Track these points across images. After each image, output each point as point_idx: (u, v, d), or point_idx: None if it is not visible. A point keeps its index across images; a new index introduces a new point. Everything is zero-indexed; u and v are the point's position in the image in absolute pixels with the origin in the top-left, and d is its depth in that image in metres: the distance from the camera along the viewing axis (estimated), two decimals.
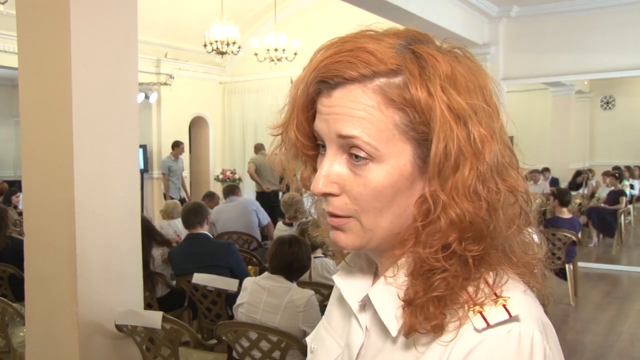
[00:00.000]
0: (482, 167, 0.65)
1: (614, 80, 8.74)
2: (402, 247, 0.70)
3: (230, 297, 3.34)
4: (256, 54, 8.39)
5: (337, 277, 0.82)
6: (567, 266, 5.47)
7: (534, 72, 7.08)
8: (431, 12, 5.75)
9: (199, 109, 10.88)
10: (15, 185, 8.87)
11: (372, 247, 0.72)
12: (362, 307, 0.75)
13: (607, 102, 10.62)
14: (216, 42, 7.85)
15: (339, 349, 0.79)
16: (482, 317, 0.64)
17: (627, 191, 8.90)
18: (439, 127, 0.64)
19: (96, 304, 2.57)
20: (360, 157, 0.67)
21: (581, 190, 9.27)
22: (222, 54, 7.97)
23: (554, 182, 9.15)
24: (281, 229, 5.05)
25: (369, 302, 0.73)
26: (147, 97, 9.64)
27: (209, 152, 11.05)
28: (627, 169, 9.66)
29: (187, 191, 9.25)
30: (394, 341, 0.69)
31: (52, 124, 2.52)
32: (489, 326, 0.63)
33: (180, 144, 9.15)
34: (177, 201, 6.32)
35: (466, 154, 0.65)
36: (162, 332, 2.56)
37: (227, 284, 3.32)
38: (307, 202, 0.84)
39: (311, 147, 0.75)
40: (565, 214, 5.71)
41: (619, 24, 6.52)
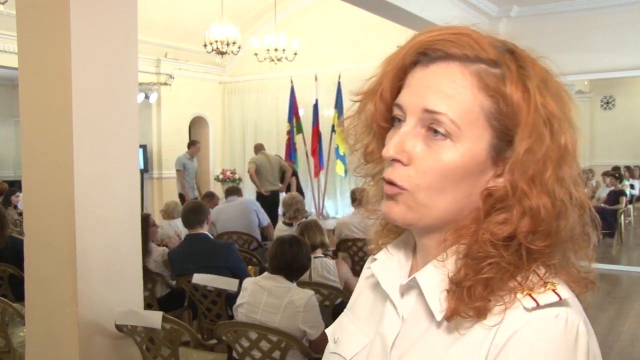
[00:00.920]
0: (563, 171, 0.67)
1: (614, 80, 8.75)
2: (458, 234, 0.71)
3: (230, 297, 3.34)
4: (256, 54, 8.40)
5: (374, 266, 0.82)
6: None
7: None
8: (431, 12, 5.75)
9: (199, 109, 10.89)
10: (15, 185, 8.87)
11: (422, 225, 0.72)
12: (401, 294, 0.76)
13: (607, 102, 10.63)
14: (216, 42, 7.85)
15: (366, 338, 0.79)
16: (532, 297, 0.65)
17: (627, 191, 8.90)
18: (531, 125, 0.67)
19: (96, 304, 2.57)
20: (439, 133, 0.68)
21: None
22: (222, 54, 7.98)
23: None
24: (281, 229, 5.05)
25: (410, 287, 0.74)
26: (147, 97, 9.64)
27: (209, 152, 11.06)
28: (627, 169, 9.67)
29: (200, 191, 9.19)
30: (437, 326, 0.70)
31: (52, 124, 2.52)
32: (538, 306, 0.64)
33: (196, 143, 9.10)
34: (178, 201, 6.33)
35: (552, 154, 0.67)
36: (162, 332, 2.56)
37: (227, 284, 3.32)
38: (354, 183, 0.84)
39: (385, 119, 0.76)
40: None
41: (619, 24, 6.52)
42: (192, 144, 9.11)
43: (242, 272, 3.78)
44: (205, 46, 7.91)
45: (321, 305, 3.08)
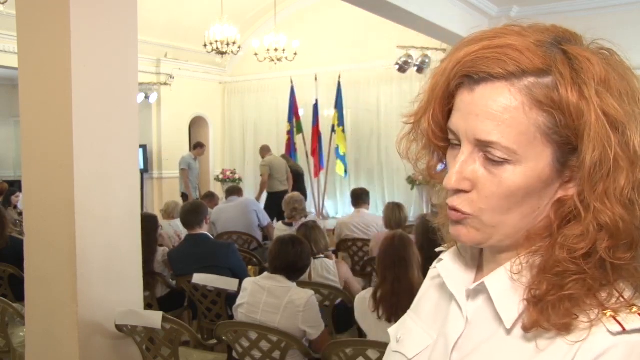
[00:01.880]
0: (637, 176, 0.62)
1: None
2: (529, 244, 0.69)
3: (230, 297, 3.34)
4: (256, 54, 8.40)
5: (440, 266, 0.81)
6: None
7: None
8: (431, 12, 5.75)
9: (199, 109, 10.89)
10: (15, 185, 8.87)
11: (493, 243, 0.71)
12: (467, 297, 0.74)
13: None
14: (216, 42, 7.85)
15: (430, 339, 0.78)
16: (616, 321, 0.62)
17: None
18: (594, 133, 0.62)
19: (96, 304, 2.57)
20: (496, 160, 0.66)
21: None
22: (222, 54, 7.98)
23: None
24: (281, 229, 5.05)
25: (478, 292, 0.73)
26: (147, 97, 9.64)
27: (209, 152, 11.05)
28: None
29: (201, 191, 9.25)
30: (507, 333, 0.68)
31: (52, 124, 2.52)
32: (625, 331, 0.61)
33: (203, 146, 9.30)
34: (178, 201, 6.34)
35: (622, 161, 0.62)
36: (162, 332, 2.56)
37: (227, 284, 3.32)
38: (386, 198, 0.81)
39: (443, 139, 0.73)
40: None
41: (619, 24, 6.52)
42: (200, 145, 9.21)
43: (242, 272, 3.78)
44: (205, 46, 7.91)
45: (321, 305, 3.08)
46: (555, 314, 0.64)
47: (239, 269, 3.80)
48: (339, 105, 9.10)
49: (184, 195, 8.69)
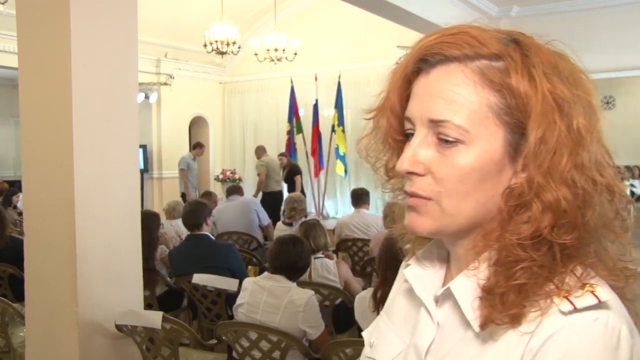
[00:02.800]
0: (581, 157, 0.64)
1: (614, 80, 8.73)
2: (486, 239, 0.69)
3: (230, 297, 3.34)
4: (256, 54, 8.40)
5: (407, 272, 0.80)
6: None
7: None
8: (431, 12, 5.75)
9: (199, 109, 10.89)
10: (15, 185, 8.87)
11: (449, 233, 0.71)
12: (435, 302, 0.74)
13: (607, 102, 10.62)
14: (216, 42, 7.85)
15: (402, 344, 0.78)
16: (569, 300, 0.62)
17: (628, 191, 8.90)
18: (541, 112, 0.64)
19: (96, 304, 2.57)
20: (449, 140, 0.67)
21: None
22: (222, 54, 7.98)
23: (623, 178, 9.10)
24: (281, 229, 5.05)
25: (445, 297, 0.73)
26: (147, 97, 9.64)
27: (209, 152, 11.06)
28: (627, 169, 9.66)
29: (200, 192, 9.30)
30: (474, 334, 0.68)
31: (52, 124, 2.52)
32: (576, 310, 0.62)
33: (202, 146, 9.33)
34: (180, 200, 6.33)
35: (566, 141, 0.64)
36: (162, 332, 2.56)
37: (227, 284, 3.32)
38: (386, 197, 0.83)
39: (400, 133, 0.75)
40: None
41: (619, 24, 6.53)
42: (199, 146, 9.22)
43: (242, 273, 3.78)
44: (205, 46, 7.91)
45: (321, 305, 3.08)
46: (504, 306, 0.64)
47: (239, 269, 3.80)
48: (339, 105, 9.10)
49: (183, 195, 8.71)
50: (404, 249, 0.86)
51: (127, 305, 2.64)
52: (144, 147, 9.70)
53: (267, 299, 2.74)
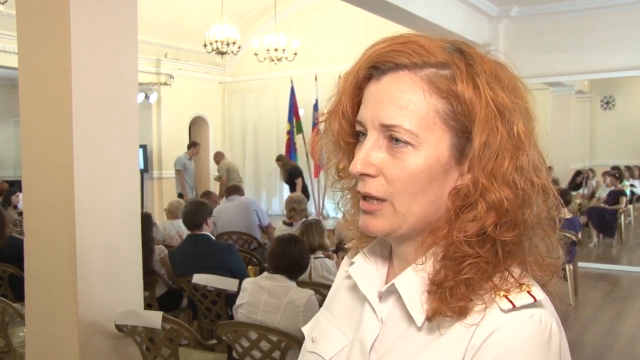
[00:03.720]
0: (521, 160, 0.69)
1: (614, 80, 8.72)
2: (434, 236, 0.73)
3: (230, 297, 3.34)
4: (256, 54, 8.40)
5: (352, 269, 0.83)
6: (567, 266, 5.47)
7: (534, 72, 7.07)
8: (431, 12, 5.75)
9: (199, 109, 10.89)
10: (15, 185, 8.87)
11: (401, 233, 0.74)
12: (379, 298, 0.77)
13: (607, 102, 10.61)
14: (216, 42, 7.85)
15: (345, 339, 0.80)
16: (508, 299, 0.68)
17: (628, 191, 8.90)
18: (484, 117, 0.69)
19: (96, 304, 2.57)
20: (399, 142, 0.71)
21: (581, 190, 9.27)
22: (222, 54, 7.98)
23: (554, 182, 9.10)
24: (281, 229, 5.05)
25: (389, 293, 0.76)
26: (147, 97, 9.64)
27: (209, 152, 11.05)
28: (627, 169, 9.66)
29: (197, 192, 9.33)
30: (417, 328, 0.72)
31: (52, 124, 2.52)
32: (515, 308, 0.67)
33: (197, 145, 9.34)
34: (182, 200, 6.32)
35: (507, 145, 0.69)
36: (162, 332, 2.56)
37: (227, 284, 3.32)
38: (336, 197, 0.86)
39: (352, 135, 0.78)
40: (565, 214, 5.71)
41: (619, 24, 6.52)
42: (194, 145, 9.19)
43: (242, 273, 3.78)
44: (205, 46, 7.91)
45: (321, 305, 3.08)
46: (452, 298, 0.68)
47: (239, 270, 3.80)
48: None
49: (180, 195, 8.69)
50: (347, 246, 0.90)
51: (127, 305, 2.64)
52: (144, 147, 9.70)
53: (267, 299, 2.74)
